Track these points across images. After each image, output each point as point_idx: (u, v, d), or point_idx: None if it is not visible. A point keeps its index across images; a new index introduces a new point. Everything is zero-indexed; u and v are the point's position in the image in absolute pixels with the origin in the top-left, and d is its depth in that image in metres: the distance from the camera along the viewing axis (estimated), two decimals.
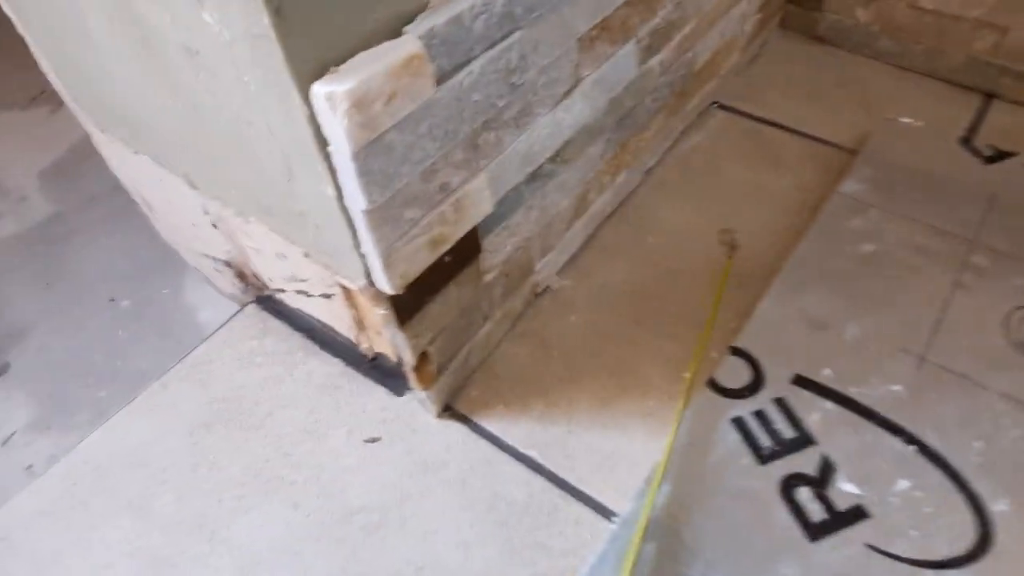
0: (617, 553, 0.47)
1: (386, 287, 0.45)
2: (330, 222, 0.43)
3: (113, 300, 0.82)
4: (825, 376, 0.54)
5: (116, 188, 0.77)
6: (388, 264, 0.44)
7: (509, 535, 0.50)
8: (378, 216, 0.41)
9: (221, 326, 0.64)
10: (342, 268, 0.47)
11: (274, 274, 0.59)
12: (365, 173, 0.38)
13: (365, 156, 0.37)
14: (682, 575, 0.45)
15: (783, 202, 0.70)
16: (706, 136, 0.78)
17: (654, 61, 0.61)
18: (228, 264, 0.65)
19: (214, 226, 0.59)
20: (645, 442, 0.54)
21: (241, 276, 0.65)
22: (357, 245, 0.43)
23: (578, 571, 0.47)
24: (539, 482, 0.53)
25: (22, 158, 1.02)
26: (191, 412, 0.59)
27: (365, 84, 0.35)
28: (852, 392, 0.52)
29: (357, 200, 0.39)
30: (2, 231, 0.92)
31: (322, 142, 0.37)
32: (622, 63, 0.57)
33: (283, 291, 0.60)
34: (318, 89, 0.35)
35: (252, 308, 0.65)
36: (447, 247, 0.48)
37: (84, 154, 1.00)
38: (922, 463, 0.49)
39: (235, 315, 0.65)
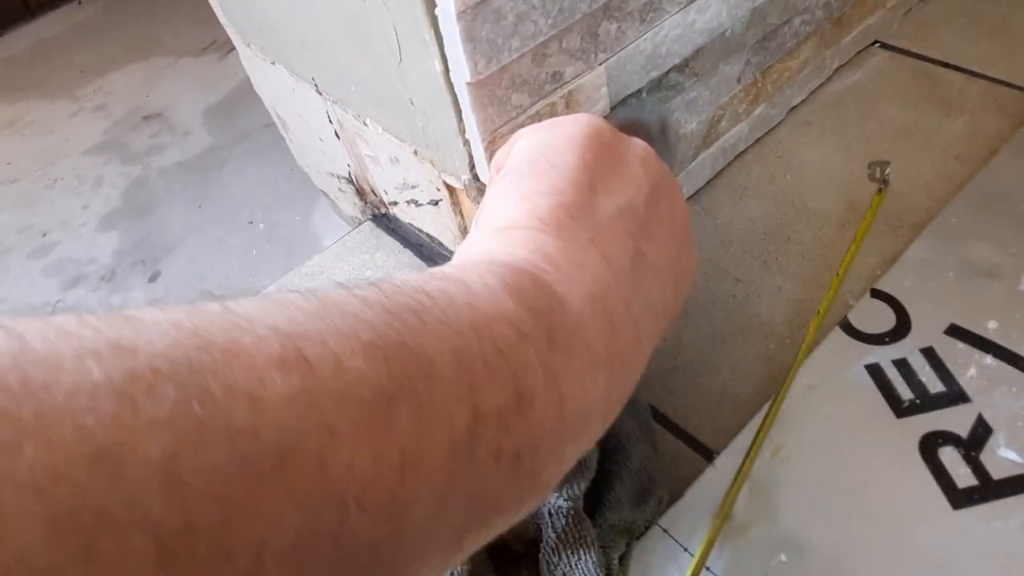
0: (714, 492, 0.42)
1: (487, 178, 0.43)
2: (436, 105, 0.42)
3: (251, 223, 0.88)
4: (989, 329, 0.45)
5: (265, 126, 0.81)
6: (491, 152, 0.42)
7: None
8: (483, 93, 0.39)
9: (337, 240, 0.66)
10: (448, 162, 0.46)
11: (388, 184, 0.59)
12: (471, 39, 0.36)
13: (472, 18, 0.36)
14: (787, 525, 0.40)
15: (951, 146, 0.61)
16: (864, 75, 0.69)
17: None
18: (349, 180, 0.67)
19: (337, 136, 0.60)
20: (759, 385, 0.48)
21: (360, 193, 0.67)
22: (462, 131, 0.42)
23: (670, 510, 0.42)
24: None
25: (191, 98, 1.12)
26: None
27: None
28: (1023, 349, 0.44)
29: (462, 70, 0.38)
30: (168, 159, 1.01)
31: (430, 3, 0.36)
32: None
33: (396, 203, 0.61)
34: None
35: (368, 225, 0.67)
36: None
37: (242, 96, 1.08)
38: None
39: (350, 231, 0.66)
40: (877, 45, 0.72)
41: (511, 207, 0.26)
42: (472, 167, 0.44)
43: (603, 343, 0.24)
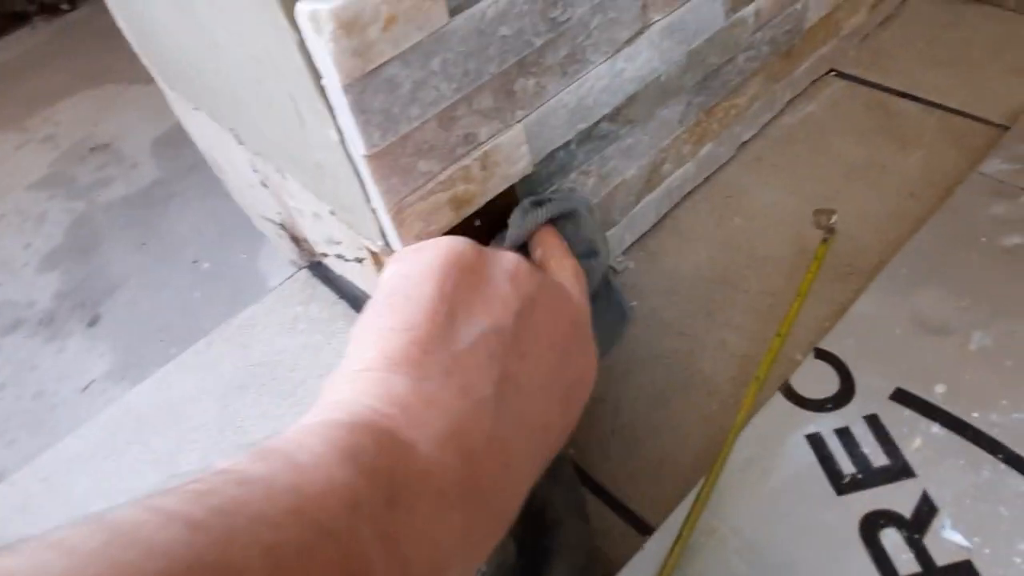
0: (646, 574, 0.39)
1: (399, 247, 0.41)
2: (341, 172, 0.39)
3: (196, 262, 0.84)
4: (937, 393, 0.43)
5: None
6: (400, 221, 0.39)
7: None
8: (383, 164, 0.36)
9: (271, 290, 0.63)
10: (361, 227, 0.43)
11: (316, 236, 0.56)
12: (362, 111, 0.34)
13: (360, 90, 0.33)
14: None
15: (905, 184, 0.59)
16: (818, 107, 0.67)
17: (748, 11, 0.53)
18: (282, 227, 0.64)
19: (264, 185, 0.58)
20: (699, 451, 0.46)
21: (295, 240, 0.64)
22: (367, 199, 0.39)
23: None
24: None
25: (140, 128, 1.08)
26: (229, 373, 0.58)
27: (355, 3, 0.31)
28: (972, 417, 0.42)
29: (356, 143, 0.35)
30: (113, 194, 0.98)
31: (316, 74, 0.33)
32: (704, 9, 0.49)
33: (326, 255, 0.58)
34: (302, 7, 0.31)
35: (303, 273, 0.64)
36: (474, 208, 0.42)
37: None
38: None
39: (286, 280, 0.63)
40: (832, 74, 0.70)
41: (366, 347, 0.26)
42: (383, 234, 0.41)
43: (457, 482, 0.23)
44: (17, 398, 0.76)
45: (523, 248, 0.39)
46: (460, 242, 0.29)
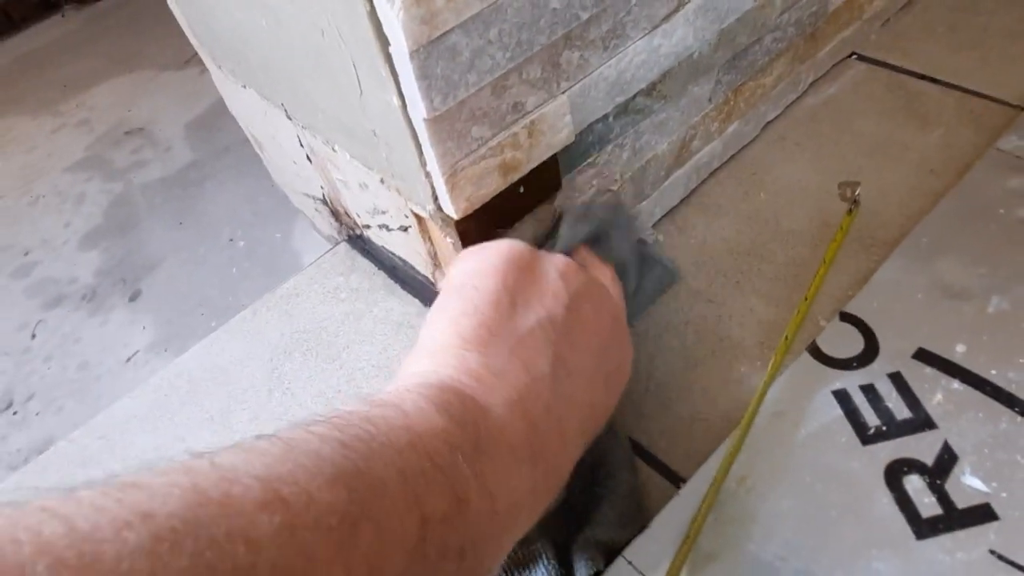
0: (679, 522, 0.42)
1: (451, 211, 0.43)
2: (397, 138, 0.42)
3: (231, 240, 0.87)
4: (957, 352, 0.45)
5: (246, 141, 0.81)
6: (453, 185, 0.42)
7: None
8: (441, 128, 0.39)
9: (312, 262, 0.65)
10: (412, 192, 0.46)
11: (360, 208, 0.59)
12: (425, 76, 0.36)
13: (425, 56, 0.35)
14: (752, 554, 0.40)
15: (925, 161, 0.61)
16: (840, 89, 0.69)
17: None
18: (324, 202, 0.66)
19: (309, 159, 0.60)
20: (728, 410, 0.48)
21: (335, 215, 0.66)
22: (423, 164, 0.42)
23: (636, 537, 0.42)
24: None
25: (173, 112, 1.11)
26: (275, 339, 0.60)
27: None
28: (991, 373, 0.44)
29: (418, 107, 0.37)
30: (150, 175, 1.01)
31: (384, 41, 0.36)
32: None
33: (368, 227, 0.61)
34: None
35: (343, 246, 0.66)
36: (520, 175, 0.45)
37: (224, 110, 1.07)
38: None
39: (326, 252, 0.66)
40: (854, 57, 0.72)
41: (440, 330, 0.30)
42: (435, 199, 0.44)
43: (525, 442, 0.27)
44: (63, 369, 0.79)
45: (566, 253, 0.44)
46: (517, 244, 0.35)
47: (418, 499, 0.22)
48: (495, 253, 0.34)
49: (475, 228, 0.45)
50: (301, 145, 0.59)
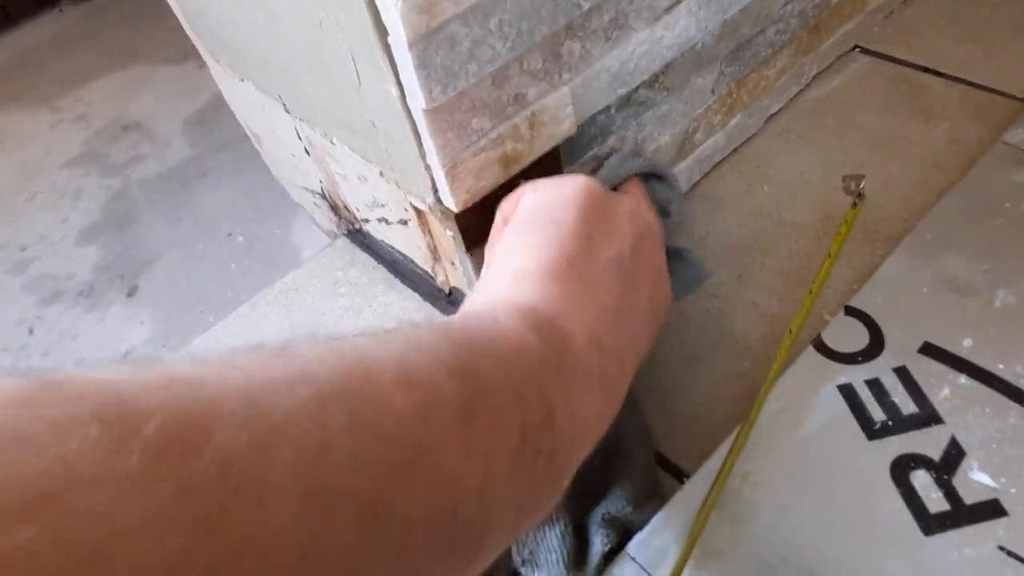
0: (683, 517, 0.41)
1: (451, 203, 0.43)
2: (396, 130, 0.41)
3: (230, 235, 0.87)
4: (964, 347, 0.45)
5: (244, 136, 0.81)
6: (453, 176, 0.41)
7: None
8: (441, 119, 0.38)
9: (311, 257, 0.65)
10: (411, 185, 0.45)
11: (359, 201, 0.58)
12: (424, 66, 0.35)
13: (424, 46, 0.35)
14: (756, 550, 0.39)
15: (930, 155, 0.60)
16: (844, 82, 0.69)
17: None
18: (323, 196, 0.66)
19: (307, 152, 0.60)
20: (732, 406, 0.48)
21: (334, 208, 0.66)
22: (422, 156, 0.41)
23: (639, 532, 0.42)
24: None
25: (171, 108, 1.11)
26: (274, 333, 0.60)
27: None
28: (998, 368, 0.43)
29: (417, 98, 0.37)
30: (147, 171, 1.01)
31: (382, 31, 0.35)
32: None
33: (367, 221, 0.60)
34: None
35: (342, 241, 0.66)
36: (521, 167, 0.44)
37: (221, 105, 1.07)
38: None
39: (325, 247, 0.65)
40: (857, 50, 0.71)
41: (521, 255, 0.32)
42: (435, 191, 0.43)
43: (597, 370, 0.29)
44: (61, 364, 0.78)
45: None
46: (591, 180, 0.35)
47: (520, 404, 0.23)
48: (572, 187, 0.34)
49: (475, 221, 0.45)
50: (299, 138, 0.59)
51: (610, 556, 0.41)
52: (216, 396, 0.16)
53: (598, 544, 0.40)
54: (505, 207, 0.38)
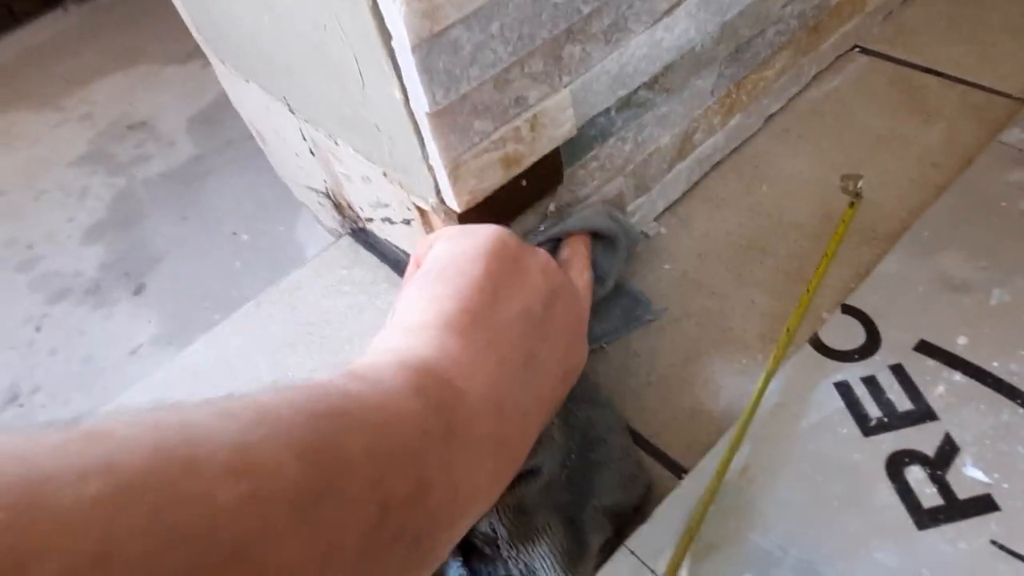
0: (682, 512, 0.42)
1: (454, 204, 0.43)
2: (400, 132, 0.42)
3: (235, 234, 0.88)
4: (959, 345, 0.45)
5: (248, 135, 0.81)
6: (456, 177, 0.42)
7: None
8: (443, 122, 0.39)
9: (315, 256, 0.66)
10: (414, 185, 0.46)
11: (362, 201, 0.59)
12: (427, 70, 0.36)
13: (427, 51, 0.36)
14: (757, 546, 0.40)
15: (928, 154, 0.61)
16: (843, 82, 0.69)
17: None
18: (327, 195, 0.67)
19: (311, 153, 0.60)
20: (730, 401, 0.48)
21: (338, 208, 0.67)
22: (425, 157, 0.42)
23: (635, 529, 0.43)
24: None
25: (176, 107, 1.11)
26: (279, 332, 0.61)
27: None
28: (992, 365, 0.44)
29: (420, 101, 0.38)
30: (152, 170, 1.01)
31: (386, 36, 0.36)
32: None
33: (371, 220, 0.61)
34: None
35: (346, 239, 0.67)
36: (522, 169, 0.45)
37: (226, 104, 1.07)
38: None
39: (329, 246, 0.66)
40: (857, 50, 0.72)
41: (421, 309, 0.30)
42: (438, 192, 0.44)
43: (493, 434, 0.27)
44: (68, 362, 0.80)
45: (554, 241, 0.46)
46: (506, 232, 0.34)
47: (382, 481, 0.21)
48: (483, 239, 0.33)
49: (477, 220, 0.45)
50: (304, 139, 0.59)
51: (607, 546, 0.41)
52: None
53: (595, 538, 0.41)
54: (419, 249, 0.37)
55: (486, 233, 0.34)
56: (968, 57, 0.69)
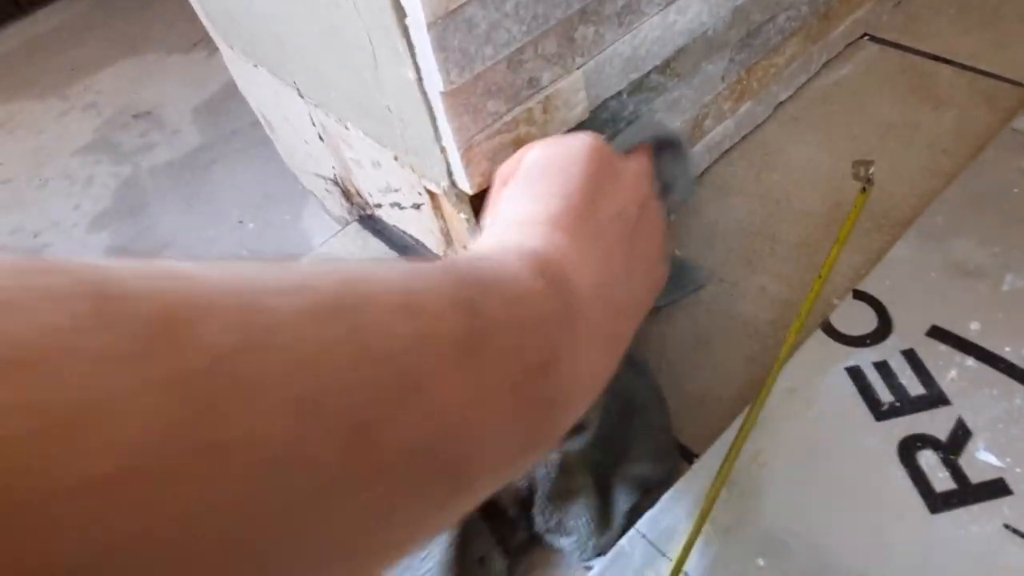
0: (693, 496, 0.42)
1: (466, 185, 0.43)
2: (412, 113, 0.42)
3: (241, 222, 0.88)
4: (971, 330, 0.45)
5: (254, 124, 0.81)
6: (468, 159, 0.42)
7: None
8: (457, 102, 0.39)
9: (323, 243, 0.66)
10: (426, 168, 0.46)
11: (371, 187, 0.59)
12: (442, 48, 0.36)
13: (443, 28, 0.35)
14: (769, 531, 0.40)
15: (938, 141, 0.61)
16: (853, 69, 0.69)
17: None
18: (335, 182, 0.66)
19: (321, 139, 0.60)
20: (741, 387, 0.48)
21: (346, 194, 0.67)
22: (438, 139, 0.42)
23: (647, 513, 0.43)
24: None
25: (181, 95, 1.11)
26: None
27: None
28: (1005, 351, 0.44)
29: (435, 80, 0.37)
30: (158, 158, 1.01)
31: (400, 13, 0.36)
32: None
33: (380, 206, 0.61)
34: None
35: (354, 227, 0.66)
36: None
37: (231, 93, 1.07)
38: None
39: (336, 233, 0.66)
40: (866, 38, 0.72)
41: (527, 205, 0.31)
42: (450, 174, 0.44)
43: (600, 323, 0.28)
44: None
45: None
46: (599, 138, 0.35)
47: (522, 348, 0.23)
48: (580, 142, 0.34)
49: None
50: (313, 124, 0.59)
51: (632, 514, 0.42)
52: (214, 293, 0.15)
53: (622, 503, 0.41)
54: (504, 170, 0.38)
55: (582, 137, 0.35)
56: (979, 45, 0.69)
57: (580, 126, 0.47)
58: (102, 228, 0.93)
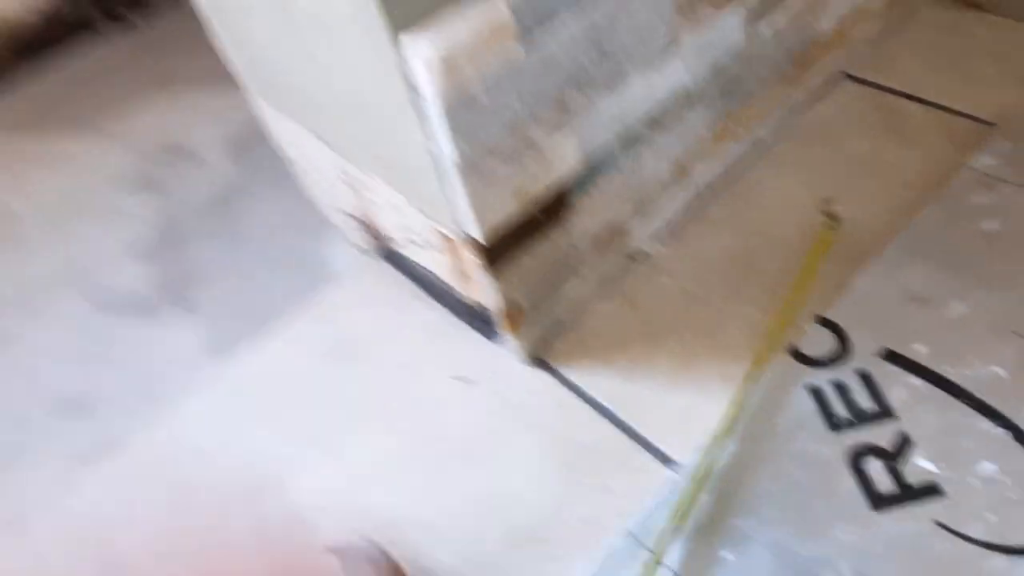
0: (674, 499, 0.49)
1: (477, 235, 0.50)
2: (426, 172, 0.49)
3: (272, 252, 0.95)
4: (918, 352, 0.52)
5: (282, 157, 0.88)
6: (478, 213, 0.49)
7: (577, 475, 0.54)
8: (467, 167, 0.46)
9: (347, 275, 0.73)
10: (441, 217, 0.53)
11: (391, 226, 0.66)
12: (454, 128, 0.43)
13: (455, 112, 0.43)
14: (736, 528, 0.47)
15: (903, 176, 0.67)
16: (830, 108, 0.75)
17: (765, 28, 0.61)
18: (357, 219, 0.74)
19: (344, 182, 0.68)
20: (719, 402, 0.55)
21: (368, 230, 0.74)
22: (452, 197, 0.49)
23: (635, 513, 0.49)
24: (611, 430, 0.56)
25: (211, 129, 1.19)
26: (316, 345, 0.68)
27: (453, 43, 0.40)
28: (947, 371, 0.50)
29: (447, 151, 0.45)
30: (191, 190, 1.09)
31: (418, 97, 0.43)
32: (726, 28, 0.57)
33: (399, 243, 0.68)
34: (407, 43, 0.40)
35: (376, 260, 0.74)
36: (536, 202, 0.52)
37: (259, 126, 1.15)
38: (1014, 449, 0.46)
39: (360, 264, 0.73)
40: (843, 76, 0.78)
41: None
42: (463, 225, 0.51)
43: None
44: (126, 372, 0.87)
45: None
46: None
47: None
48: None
49: (500, 249, 0.53)
50: (336, 168, 0.67)
51: None
52: None
53: None
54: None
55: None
56: (947, 83, 0.75)
57: (576, 178, 0.54)
58: (142, 258, 1.00)
